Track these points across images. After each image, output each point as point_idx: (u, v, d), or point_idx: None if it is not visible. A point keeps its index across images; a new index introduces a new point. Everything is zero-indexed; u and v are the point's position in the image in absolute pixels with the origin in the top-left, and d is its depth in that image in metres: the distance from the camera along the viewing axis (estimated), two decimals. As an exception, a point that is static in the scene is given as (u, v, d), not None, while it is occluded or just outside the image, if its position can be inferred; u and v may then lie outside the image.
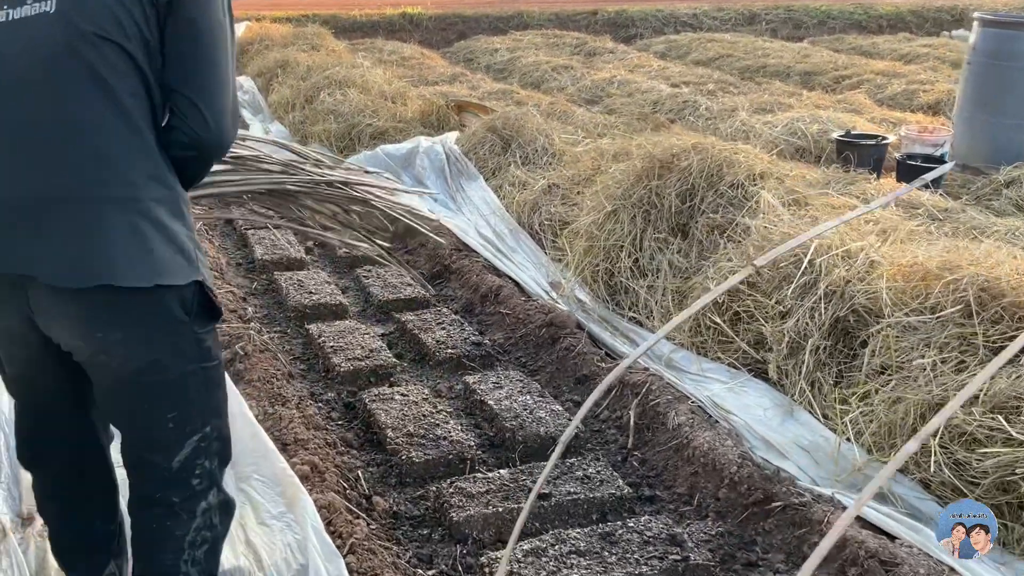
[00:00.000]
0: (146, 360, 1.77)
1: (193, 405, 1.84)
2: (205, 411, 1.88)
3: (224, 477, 2.01)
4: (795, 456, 2.95)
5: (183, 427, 1.83)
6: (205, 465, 1.89)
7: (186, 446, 1.84)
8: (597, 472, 2.97)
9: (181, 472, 1.86)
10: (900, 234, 3.48)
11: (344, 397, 3.57)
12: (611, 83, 9.52)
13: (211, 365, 1.87)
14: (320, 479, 2.83)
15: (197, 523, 1.91)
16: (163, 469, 1.85)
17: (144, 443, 1.86)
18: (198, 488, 1.90)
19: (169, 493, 1.87)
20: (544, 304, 4.22)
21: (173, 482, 1.87)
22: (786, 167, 4.18)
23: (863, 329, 3.11)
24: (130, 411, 1.85)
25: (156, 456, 1.85)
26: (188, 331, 1.80)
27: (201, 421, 1.87)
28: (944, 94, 8.93)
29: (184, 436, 1.84)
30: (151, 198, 1.74)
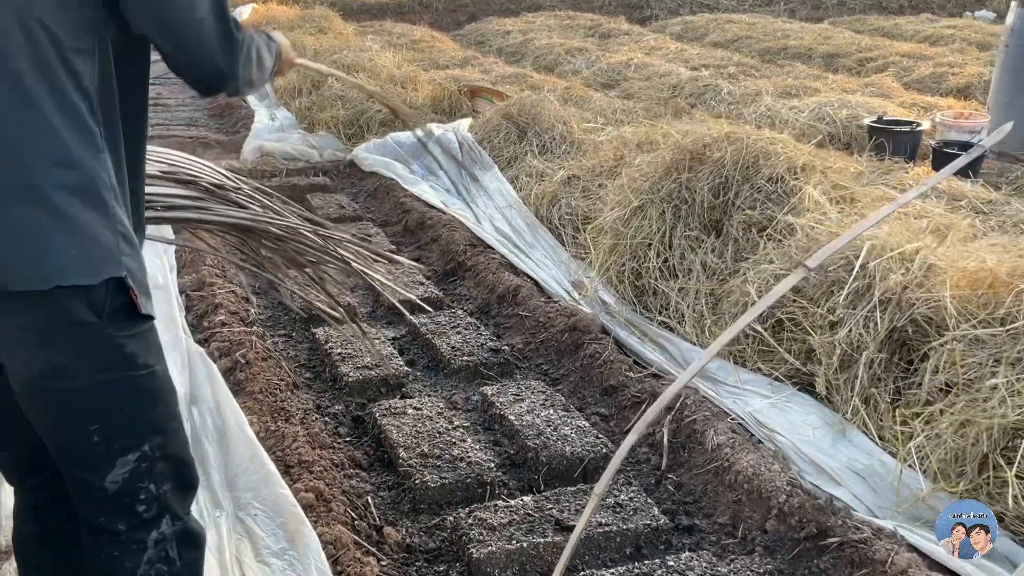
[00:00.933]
0: (50, 365, 1.57)
1: (119, 418, 1.64)
2: (138, 426, 1.66)
3: (187, 504, 1.80)
4: (849, 482, 2.67)
5: (110, 443, 1.63)
6: (151, 489, 1.69)
7: (119, 465, 1.64)
8: (630, 499, 2.70)
9: (122, 496, 1.67)
10: (958, 233, 3.18)
11: (353, 410, 3.31)
12: (628, 66, 9.19)
13: (139, 374, 1.64)
14: (326, 509, 2.57)
15: (149, 555, 1.71)
16: (98, 490, 1.66)
17: (71, 460, 1.67)
18: (146, 516, 1.70)
19: (113, 520, 1.69)
20: (566, 306, 3.94)
21: (115, 507, 1.68)
22: (829, 159, 3.87)
23: (923, 341, 2.82)
24: (47, 421, 1.65)
25: (87, 474, 1.66)
26: (100, 334, 1.58)
27: (134, 438, 1.66)
28: (974, 77, 8.58)
29: (114, 453, 1.64)
30: (53, 185, 1.51)
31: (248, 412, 3.07)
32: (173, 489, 1.74)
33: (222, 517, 2.60)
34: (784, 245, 3.34)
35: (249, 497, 2.65)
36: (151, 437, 1.68)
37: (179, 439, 1.76)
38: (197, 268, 4.28)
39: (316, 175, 6.14)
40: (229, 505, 2.66)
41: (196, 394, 3.21)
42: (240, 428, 2.92)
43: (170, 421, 1.73)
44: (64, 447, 1.67)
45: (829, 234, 3.17)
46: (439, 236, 4.92)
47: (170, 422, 1.73)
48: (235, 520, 2.58)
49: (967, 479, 2.49)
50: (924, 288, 2.87)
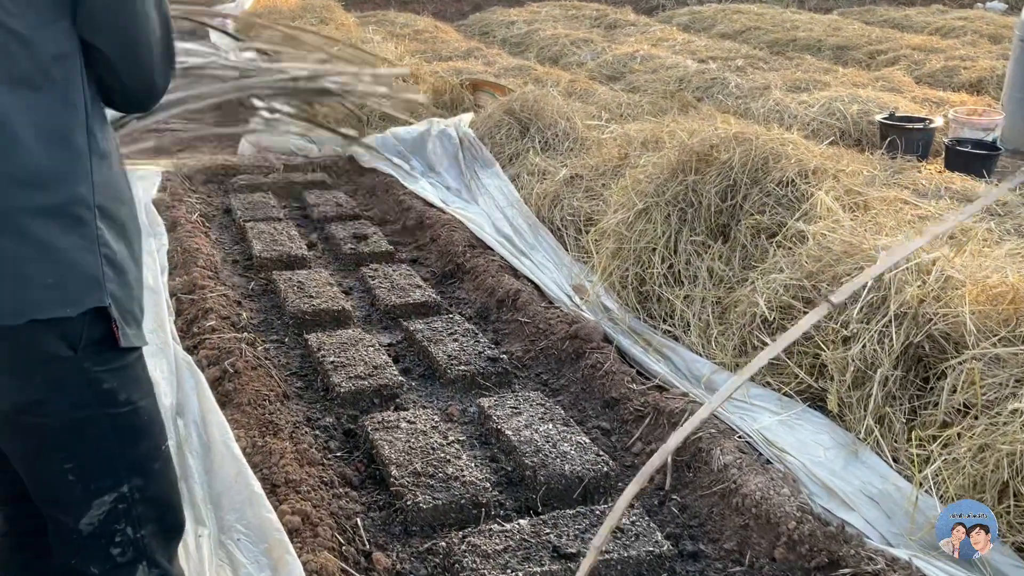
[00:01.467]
0: (23, 400, 1.47)
1: (96, 457, 1.54)
2: (117, 466, 1.56)
3: (167, 551, 1.68)
4: (863, 507, 2.54)
5: (86, 483, 1.53)
6: (128, 533, 1.59)
7: (94, 506, 1.55)
8: (632, 523, 2.57)
9: (96, 538, 1.57)
10: (975, 243, 3.04)
11: (344, 423, 3.19)
12: (633, 58, 9.03)
13: (120, 411, 1.53)
14: (312, 533, 2.45)
15: None
16: (72, 532, 1.56)
17: (45, 498, 1.58)
18: (121, 560, 1.60)
19: (85, 562, 1.58)
20: (567, 312, 3.81)
21: (87, 549, 1.57)
22: (842, 160, 3.73)
23: (941, 358, 2.69)
24: (22, 457, 1.55)
25: (60, 512, 1.57)
26: (75, 369, 1.48)
27: (113, 478, 1.56)
28: (987, 71, 8.41)
29: (90, 494, 1.54)
30: (26, 209, 1.39)
31: (236, 426, 2.96)
32: (154, 533, 1.63)
33: (204, 537, 2.49)
34: (795, 253, 3.20)
35: (233, 519, 2.53)
36: (131, 478, 1.58)
37: (163, 480, 1.65)
38: (189, 270, 4.15)
39: (314, 171, 6.01)
40: (213, 524, 2.55)
41: (183, 405, 3.09)
42: (226, 445, 2.80)
43: (153, 461, 1.62)
44: (38, 484, 1.57)
45: (842, 242, 3.03)
46: (438, 236, 4.79)
47: (153, 462, 1.62)
48: (217, 544, 2.47)
49: (987, 507, 2.36)
50: (942, 302, 2.73)
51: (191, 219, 4.90)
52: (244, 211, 5.14)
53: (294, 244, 4.67)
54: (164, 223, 4.72)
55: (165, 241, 4.50)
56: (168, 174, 5.56)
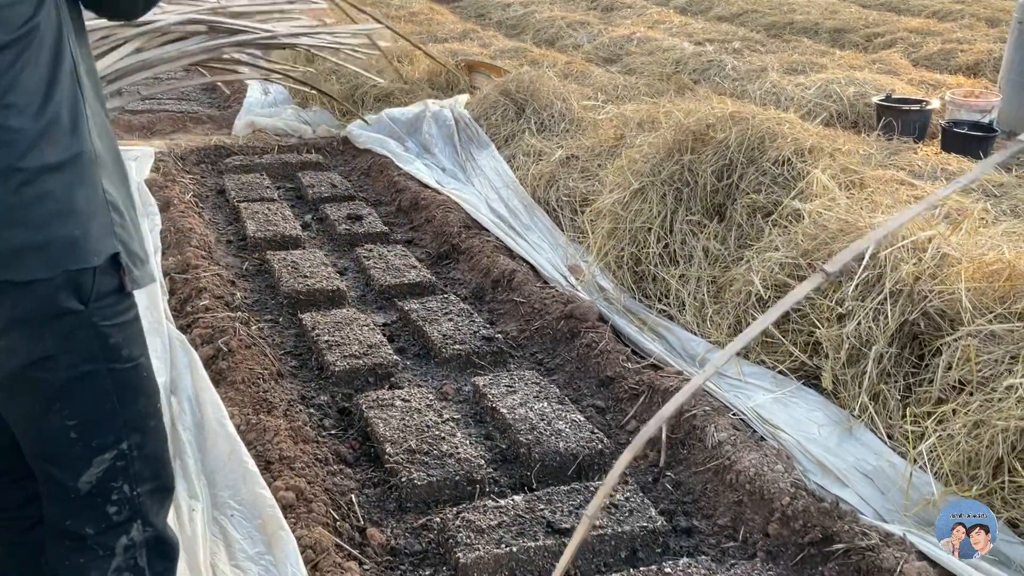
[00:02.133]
0: (34, 356, 1.47)
1: (99, 413, 1.54)
2: (118, 423, 1.56)
3: (160, 511, 1.69)
4: (857, 484, 2.55)
5: (88, 440, 1.53)
6: (124, 490, 1.59)
7: (94, 464, 1.55)
8: (626, 499, 2.57)
9: (93, 497, 1.56)
10: (972, 221, 3.03)
11: (339, 401, 3.18)
12: (630, 40, 9.00)
13: (123, 367, 1.55)
14: (307, 509, 2.45)
15: (117, 563, 1.60)
16: (69, 490, 1.55)
17: (46, 456, 1.56)
18: (116, 519, 1.59)
19: (80, 522, 1.58)
20: (562, 292, 3.80)
21: (84, 509, 1.57)
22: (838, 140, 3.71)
23: (936, 336, 2.68)
24: (25, 415, 1.54)
25: (59, 471, 1.55)
26: (85, 323, 1.48)
27: (114, 435, 1.56)
28: (984, 54, 8.39)
29: (91, 451, 1.54)
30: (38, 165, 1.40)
31: (229, 403, 2.95)
32: (149, 492, 1.64)
33: (197, 510, 2.48)
34: (791, 232, 3.19)
35: (226, 496, 2.53)
36: (130, 435, 1.58)
37: (158, 438, 1.67)
38: (182, 250, 4.13)
39: (309, 152, 5.98)
40: (206, 501, 2.54)
41: (176, 383, 3.08)
42: (220, 423, 2.79)
43: (150, 418, 1.63)
44: (40, 443, 1.56)
45: (838, 220, 3.02)
46: (433, 217, 4.77)
47: (150, 419, 1.63)
48: (211, 520, 2.46)
49: (980, 483, 2.37)
50: (937, 279, 2.73)
51: (184, 199, 4.87)
52: (238, 191, 5.12)
53: (288, 224, 4.65)
54: (157, 203, 4.70)
55: (158, 221, 4.47)
56: (161, 155, 5.54)
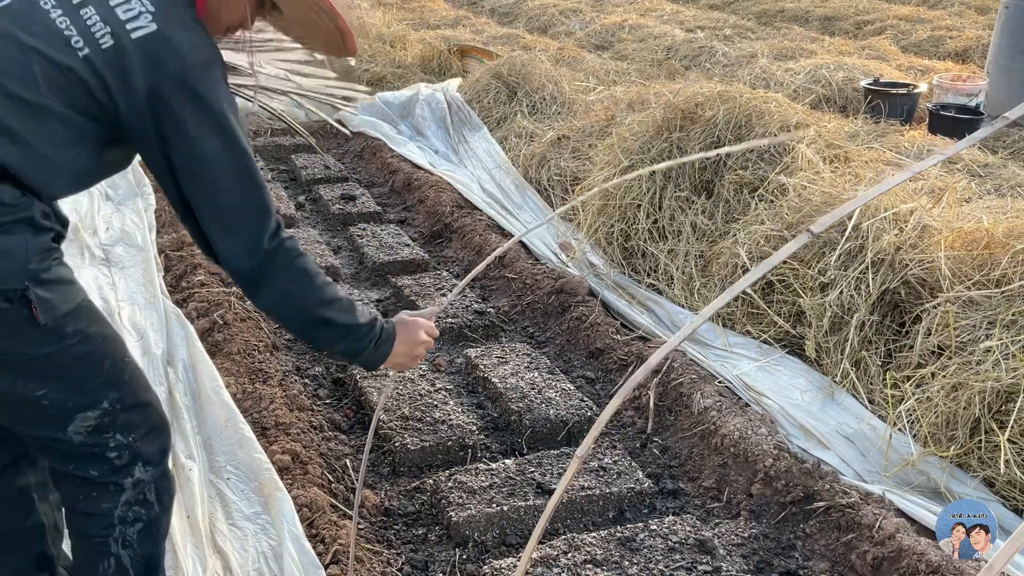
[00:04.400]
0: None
1: (66, 384, 1.63)
2: (88, 388, 1.65)
3: (164, 448, 1.79)
4: (838, 446, 2.62)
5: (63, 404, 1.64)
6: (119, 439, 1.70)
7: (77, 419, 1.65)
8: (614, 462, 2.64)
9: (89, 446, 1.68)
10: (954, 194, 3.10)
11: (333, 372, 3.24)
12: (622, 27, 9.04)
13: (73, 343, 1.61)
14: (302, 471, 2.51)
15: (127, 496, 1.74)
16: (62, 441, 1.66)
17: (26, 422, 1.67)
18: (119, 463, 1.71)
19: (83, 467, 1.70)
20: (553, 268, 3.87)
21: (83, 456, 1.69)
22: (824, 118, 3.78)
23: (916, 303, 2.75)
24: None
25: (44, 431, 1.67)
26: (17, 316, 1.54)
27: (88, 398, 1.66)
28: (972, 40, 8.46)
29: (68, 411, 1.64)
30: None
31: (225, 374, 3.00)
32: (143, 436, 1.73)
33: (194, 471, 2.53)
34: (776, 206, 3.26)
35: (223, 461, 2.58)
36: (107, 393, 1.66)
37: (137, 386, 1.74)
38: (177, 228, 4.18)
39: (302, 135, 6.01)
40: (203, 461, 2.60)
41: (172, 355, 3.13)
42: (216, 392, 2.85)
43: (122, 374, 1.70)
44: (18, 412, 1.65)
45: (823, 194, 3.09)
46: (426, 197, 4.82)
47: (122, 375, 1.70)
48: (208, 484, 2.52)
49: (958, 443, 2.44)
50: (918, 249, 2.79)
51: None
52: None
53: (282, 204, 4.69)
54: (151, 183, 4.74)
55: (152, 201, 4.52)
56: (156, 137, 5.57)
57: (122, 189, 4.64)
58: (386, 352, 1.86)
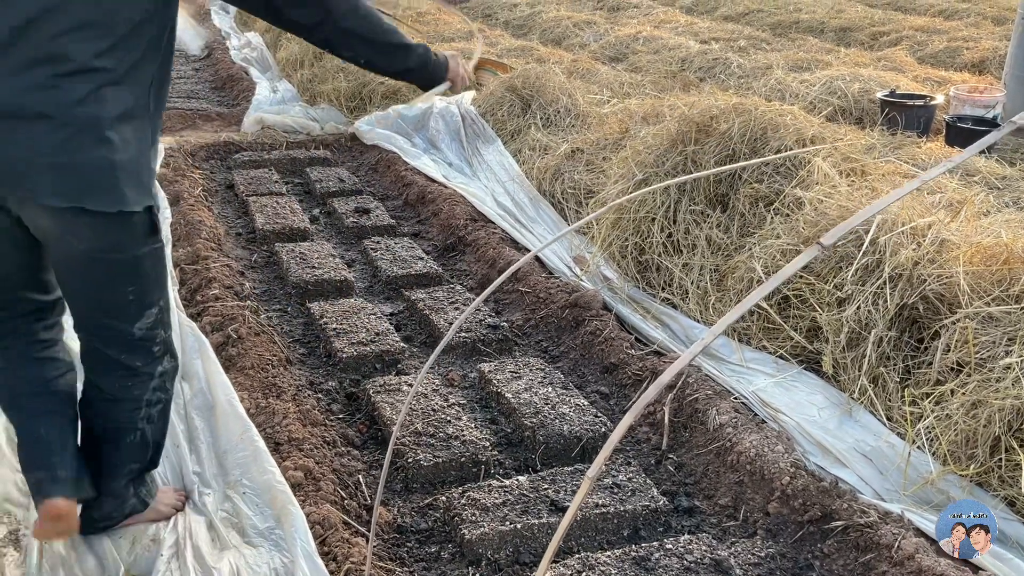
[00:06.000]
0: (108, 242, 1.96)
1: (148, 281, 2.07)
2: (157, 286, 2.11)
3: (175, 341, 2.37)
4: (856, 464, 2.58)
5: (142, 300, 2.07)
6: (161, 334, 2.16)
7: (145, 316, 2.09)
8: (628, 479, 2.62)
9: (144, 340, 2.11)
10: (972, 208, 3.07)
11: (347, 386, 3.23)
12: (636, 39, 9.04)
13: (158, 246, 2.06)
14: (315, 488, 2.50)
15: (155, 383, 2.19)
16: (127, 335, 2.08)
17: (105, 311, 2.07)
18: (157, 354, 2.17)
19: (134, 358, 2.12)
20: (567, 282, 3.85)
21: (137, 348, 2.12)
22: (840, 131, 3.75)
23: (935, 319, 2.72)
24: (95, 282, 2.03)
25: (118, 323, 2.08)
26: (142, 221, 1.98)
27: (155, 295, 2.10)
28: (989, 51, 8.41)
29: (142, 307, 2.08)
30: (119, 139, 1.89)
31: (239, 388, 3.00)
32: (170, 332, 2.21)
33: (211, 494, 2.54)
34: (792, 219, 3.23)
35: (238, 475, 2.58)
36: (163, 293, 2.14)
37: (168, 293, 2.20)
38: (192, 241, 4.19)
39: (317, 148, 6.04)
40: (219, 482, 2.60)
41: (187, 369, 3.13)
42: (230, 404, 2.85)
43: (167, 279, 2.18)
44: (108, 304, 2.06)
45: (839, 207, 3.06)
46: (440, 210, 4.82)
47: (167, 280, 2.18)
48: (223, 498, 2.51)
49: (978, 462, 2.40)
50: (936, 264, 2.76)
51: (194, 194, 4.93)
52: (247, 186, 5.18)
53: (296, 217, 4.70)
54: (167, 197, 4.76)
55: (168, 214, 4.54)
56: (171, 151, 5.61)
57: (138, 202, 4.65)
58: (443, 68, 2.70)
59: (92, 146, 1.85)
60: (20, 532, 2.38)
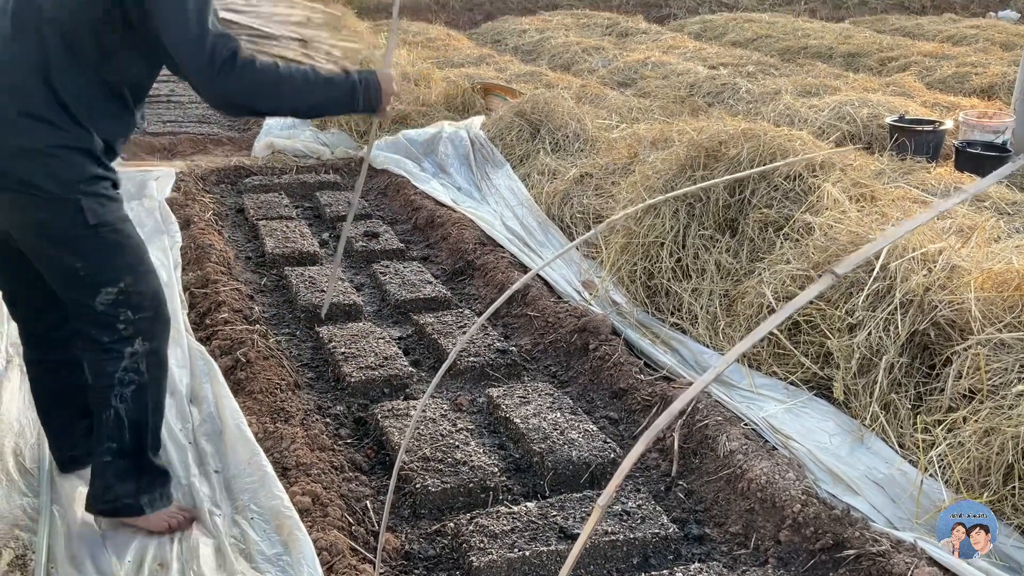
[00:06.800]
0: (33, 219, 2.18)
1: (96, 260, 2.22)
2: (110, 268, 2.23)
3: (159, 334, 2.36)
4: (868, 492, 2.56)
5: (92, 277, 2.22)
6: (128, 315, 2.27)
7: (101, 292, 2.23)
8: (638, 506, 2.60)
9: (107, 315, 2.25)
10: (983, 234, 3.06)
11: (355, 411, 3.22)
12: (645, 65, 9.09)
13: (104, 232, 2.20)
14: (322, 513, 2.48)
15: (125, 363, 2.30)
16: (89, 308, 2.25)
17: (68, 285, 2.26)
18: (124, 333, 2.28)
19: (100, 332, 2.28)
20: (576, 306, 3.85)
21: (100, 323, 2.26)
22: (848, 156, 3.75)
23: (946, 345, 2.70)
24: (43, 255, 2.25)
25: (76, 295, 2.26)
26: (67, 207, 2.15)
27: (112, 275, 2.23)
28: (998, 77, 8.43)
29: (97, 284, 2.23)
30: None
31: (248, 412, 2.99)
32: (147, 319, 2.30)
33: (220, 517, 2.53)
34: (802, 245, 3.23)
35: (246, 499, 2.57)
36: (124, 277, 2.24)
37: (149, 279, 2.32)
38: (202, 265, 4.21)
39: (327, 172, 6.06)
40: (227, 507, 2.59)
41: (196, 392, 3.14)
42: (239, 428, 2.85)
43: (139, 266, 2.29)
44: (60, 277, 2.25)
45: (849, 233, 3.05)
46: (448, 234, 4.83)
47: (139, 267, 2.29)
48: (231, 523, 2.50)
49: (991, 490, 2.38)
50: (947, 290, 2.75)
51: (204, 217, 4.96)
52: (256, 210, 5.20)
53: (306, 241, 4.72)
54: (178, 221, 4.78)
55: (179, 238, 4.56)
56: (182, 175, 5.64)
57: (148, 227, 4.68)
58: (377, 97, 2.37)
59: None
60: (28, 556, 2.37)
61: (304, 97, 2.23)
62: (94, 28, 2.11)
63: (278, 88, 2.18)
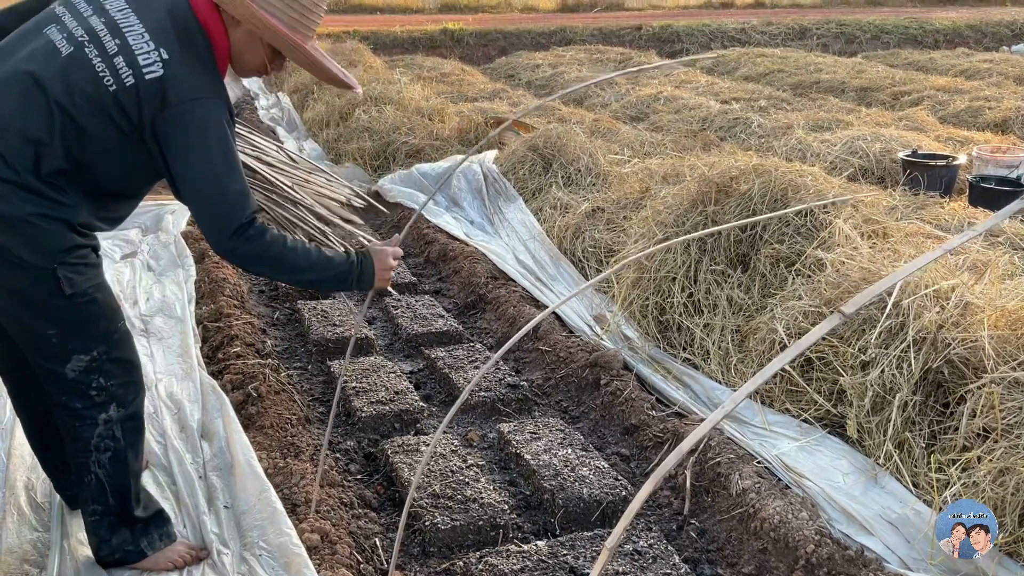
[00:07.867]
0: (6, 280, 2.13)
1: (70, 329, 2.19)
2: (83, 336, 2.21)
3: (133, 400, 2.33)
4: (882, 532, 2.52)
5: (65, 344, 2.20)
6: (101, 381, 2.25)
7: (73, 360, 2.21)
8: (649, 545, 2.57)
9: (78, 383, 2.23)
10: (996, 270, 3.04)
11: (365, 446, 3.22)
12: (657, 99, 9.14)
13: (79, 301, 2.17)
14: (331, 551, 2.47)
15: (100, 431, 2.28)
16: (60, 375, 2.22)
17: (34, 348, 2.23)
18: (97, 400, 2.26)
19: (71, 399, 2.25)
20: (587, 341, 3.84)
21: (72, 390, 2.24)
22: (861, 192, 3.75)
23: (960, 384, 2.68)
24: (17, 324, 2.21)
25: (47, 362, 2.23)
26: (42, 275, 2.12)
27: (84, 344, 2.22)
28: (1012, 111, 8.41)
29: (68, 351, 2.21)
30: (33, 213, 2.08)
31: (258, 447, 2.99)
32: (120, 385, 2.28)
33: (228, 555, 2.52)
34: (813, 281, 3.22)
35: (255, 536, 2.56)
36: (97, 346, 2.23)
37: (124, 347, 2.30)
38: (215, 299, 4.23)
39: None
40: (236, 544, 2.58)
41: (208, 427, 3.14)
42: (249, 464, 2.84)
43: (112, 334, 2.26)
44: (32, 342, 2.22)
45: (860, 269, 3.04)
46: (460, 268, 4.84)
47: (112, 335, 2.26)
48: (240, 560, 2.49)
49: (1006, 531, 2.34)
50: (960, 327, 2.73)
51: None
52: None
53: (319, 275, 4.73)
54: (192, 255, 4.82)
55: (193, 272, 4.59)
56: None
57: (164, 260, 4.72)
58: (369, 280, 2.39)
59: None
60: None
61: (302, 274, 2.28)
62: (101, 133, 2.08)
63: (280, 263, 2.22)
